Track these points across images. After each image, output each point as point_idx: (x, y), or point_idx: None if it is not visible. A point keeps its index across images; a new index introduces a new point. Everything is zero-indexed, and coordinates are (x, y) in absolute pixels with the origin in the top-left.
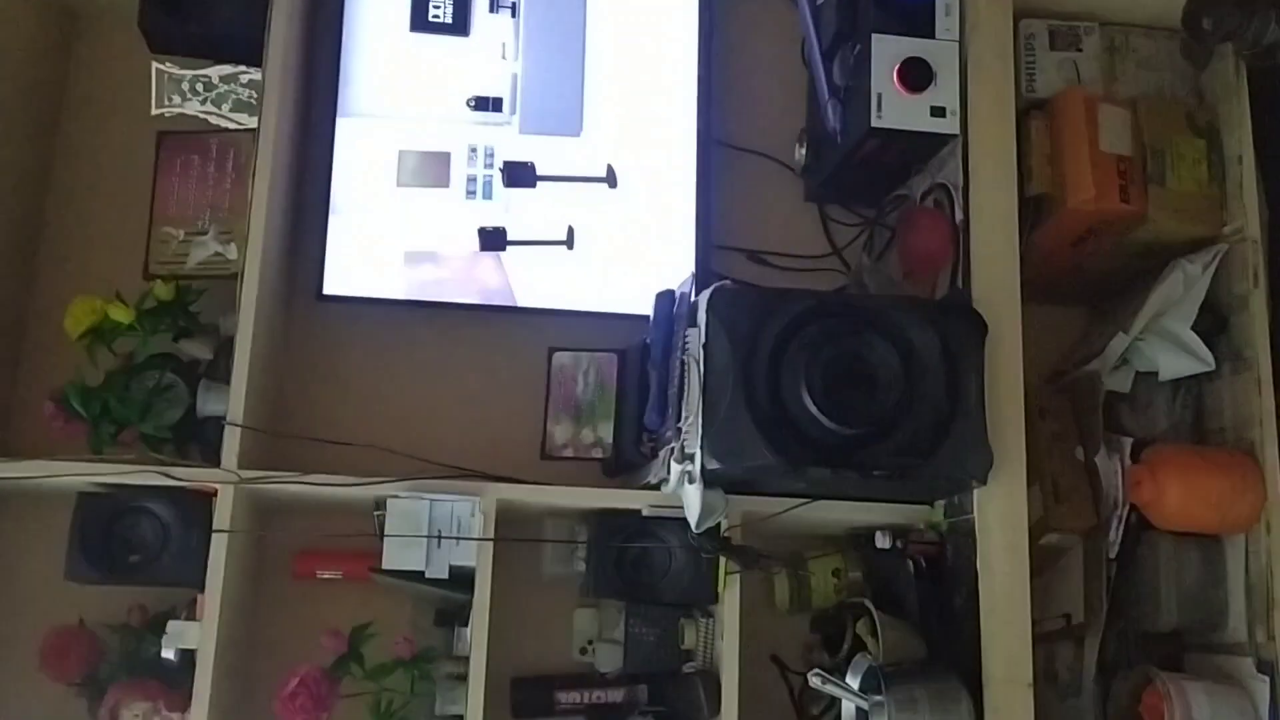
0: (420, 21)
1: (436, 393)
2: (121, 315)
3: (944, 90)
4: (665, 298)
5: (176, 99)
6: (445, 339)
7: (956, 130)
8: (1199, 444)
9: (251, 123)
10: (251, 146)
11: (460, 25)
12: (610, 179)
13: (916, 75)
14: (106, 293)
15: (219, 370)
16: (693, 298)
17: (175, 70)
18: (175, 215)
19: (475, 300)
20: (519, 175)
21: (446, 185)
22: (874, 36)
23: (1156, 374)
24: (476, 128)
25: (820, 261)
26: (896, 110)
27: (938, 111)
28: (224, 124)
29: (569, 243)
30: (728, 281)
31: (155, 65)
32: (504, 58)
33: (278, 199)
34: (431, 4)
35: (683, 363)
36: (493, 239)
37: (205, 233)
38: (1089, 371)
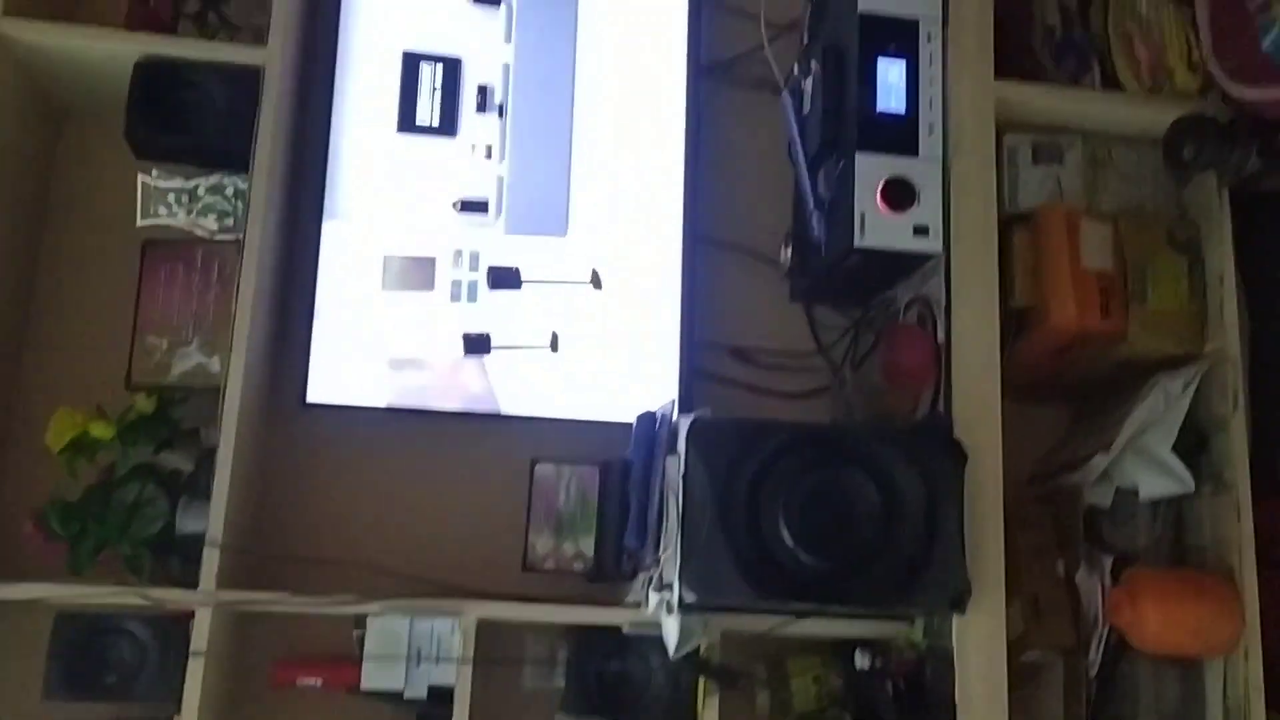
0: (408, 123)
1: (419, 502)
2: (102, 432)
3: (927, 209)
4: (646, 419)
5: (162, 211)
6: (428, 448)
7: (939, 249)
8: (1179, 562)
9: (236, 234)
10: (236, 257)
11: (448, 126)
12: (595, 281)
13: (900, 195)
14: (89, 402)
15: (199, 483)
16: (674, 420)
17: (160, 183)
18: (159, 325)
19: (459, 407)
20: (504, 279)
21: (431, 289)
22: (857, 155)
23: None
24: (462, 230)
25: (806, 360)
26: (879, 229)
27: (920, 230)
28: (209, 235)
29: (553, 346)
30: (707, 411)
31: (141, 178)
32: (490, 159)
33: (261, 311)
34: (419, 105)
35: (662, 490)
36: (477, 344)
37: (189, 343)
38: (1071, 484)
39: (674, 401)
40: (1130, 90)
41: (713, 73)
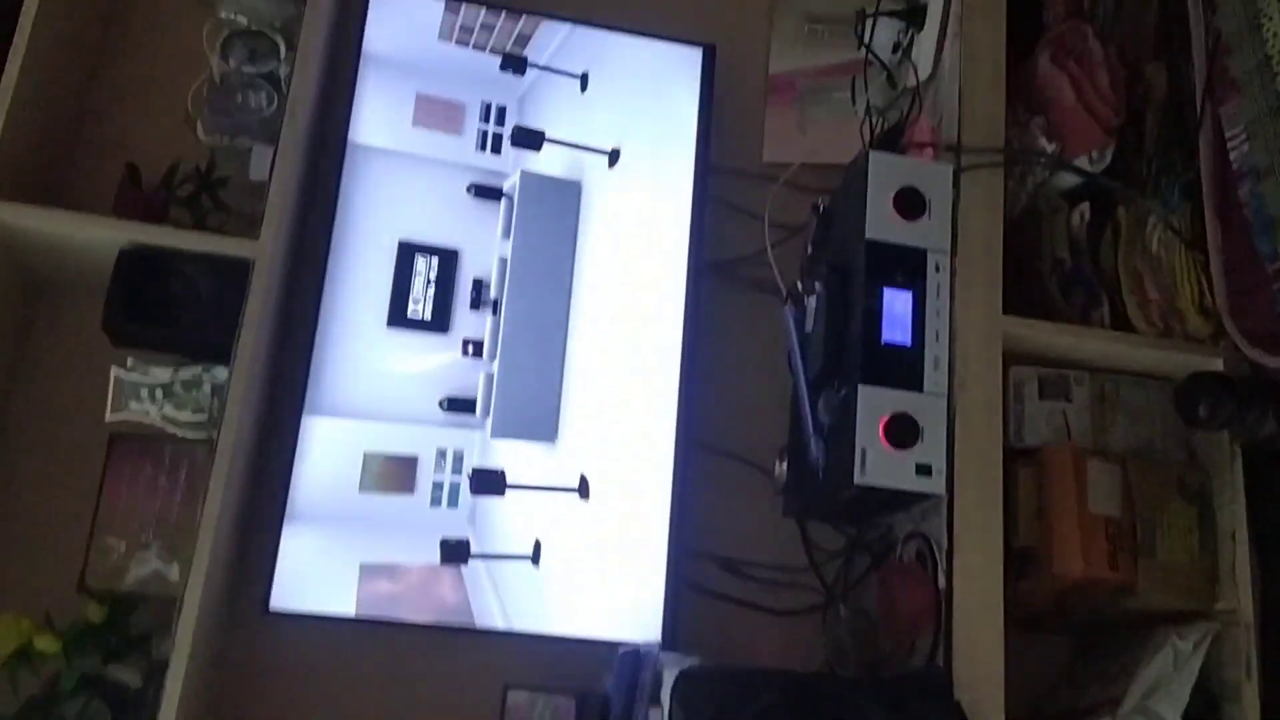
0: (398, 317)
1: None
2: (47, 645)
3: (931, 447)
4: (629, 659)
5: (134, 405)
6: (398, 663)
7: (942, 490)
8: None
9: (210, 432)
10: (207, 458)
11: (440, 322)
12: (583, 490)
13: (903, 433)
14: (38, 602)
15: (147, 699)
16: (658, 663)
17: (134, 376)
18: (119, 526)
19: (431, 620)
20: (487, 484)
21: (411, 492)
22: (860, 387)
23: None
24: (447, 430)
25: (797, 576)
26: (880, 466)
27: (923, 470)
28: (180, 434)
29: (535, 558)
30: (693, 662)
31: (114, 371)
32: (481, 357)
33: (228, 516)
34: (411, 299)
35: None
36: (455, 552)
37: (148, 547)
38: None
39: (658, 645)
40: (1141, 332)
41: (714, 273)
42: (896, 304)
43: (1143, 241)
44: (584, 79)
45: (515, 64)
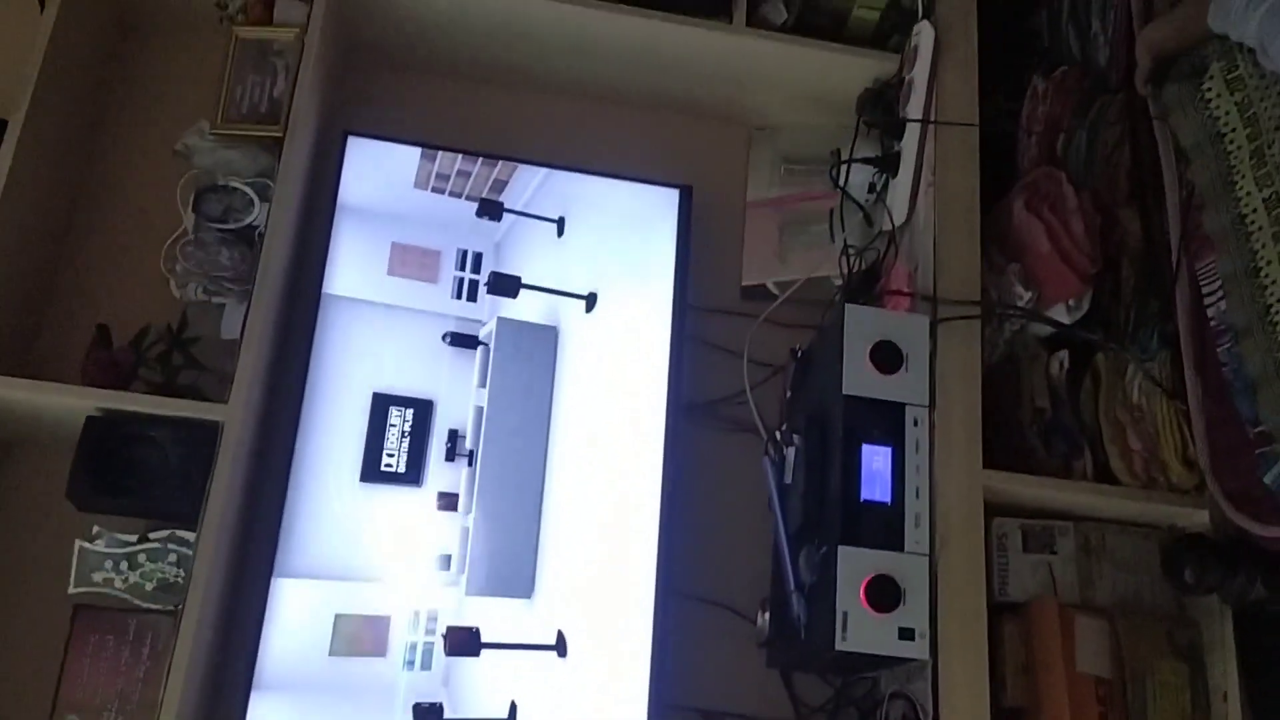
0: (372, 471)
1: None
2: None
3: (913, 609)
4: None
5: (98, 578)
6: None
7: (926, 655)
8: None
9: (175, 602)
10: (172, 630)
11: (414, 475)
12: (560, 647)
13: (885, 595)
14: None
15: None
16: None
17: (99, 548)
18: (80, 704)
19: None
20: (462, 644)
21: (384, 654)
22: (840, 548)
23: None
24: (421, 589)
25: None
26: (863, 631)
27: (906, 634)
28: (146, 605)
29: None
30: None
31: (78, 543)
32: (456, 510)
33: (193, 690)
34: (385, 451)
35: None
36: (428, 718)
37: None
38: None
39: None
40: (1124, 483)
41: (694, 414)
42: (875, 460)
43: (1123, 390)
44: (560, 223)
45: (491, 210)
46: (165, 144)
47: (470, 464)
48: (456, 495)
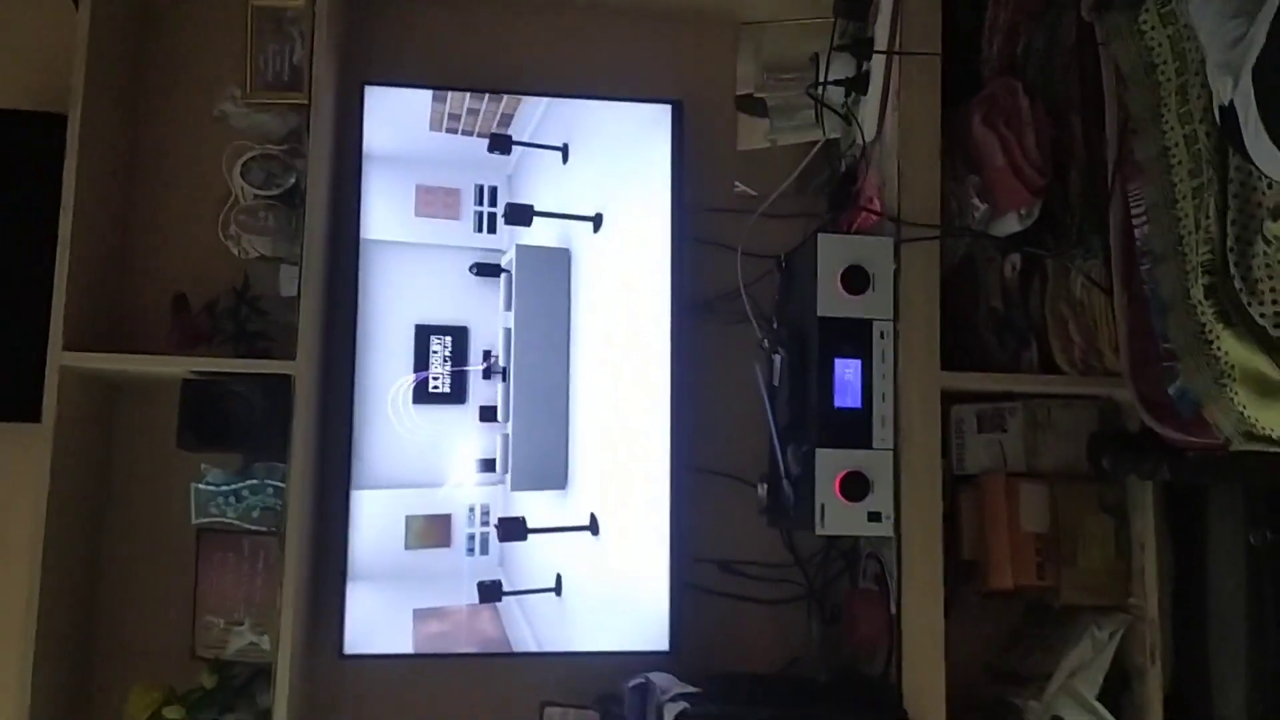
0: (422, 394)
1: None
2: (174, 714)
3: (880, 497)
4: (638, 691)
5: (213, 510)
6: (450, 689)
7: (891, 533)
8: None
9: (277, 525)
10: (278, 547)
11: (458, 394)
12: (593, 527)
13: (856, 488)
14: (154, 667)
15: None
16: (660, 698)
17: (209, 489)
18: (215, 606)
19: (476, 649)
20: (511, 531)
21: (449, 545)
22: (818, 451)
23: None
24: (474, 488)
25: (784, 571)
26: (838, 518)
27: (874, 517)
28: (254, 528)
29: (557, 590)
30: (686, 707)
31: (193, 485)
32: (496, 420)
33: (302, 591)
34: (432, 377)
35: None
36: (490, 592)
37: (242, 624)
38: (1014, 707)
39: (671, 677)
40: (1065, 372)
41: (697, 311)
42: (846, 372)
43: (1067, 288)
44: (565, 150)
45: (501, 144)
46: (205, 111)
47: (504, 379)
48: (495, 408)
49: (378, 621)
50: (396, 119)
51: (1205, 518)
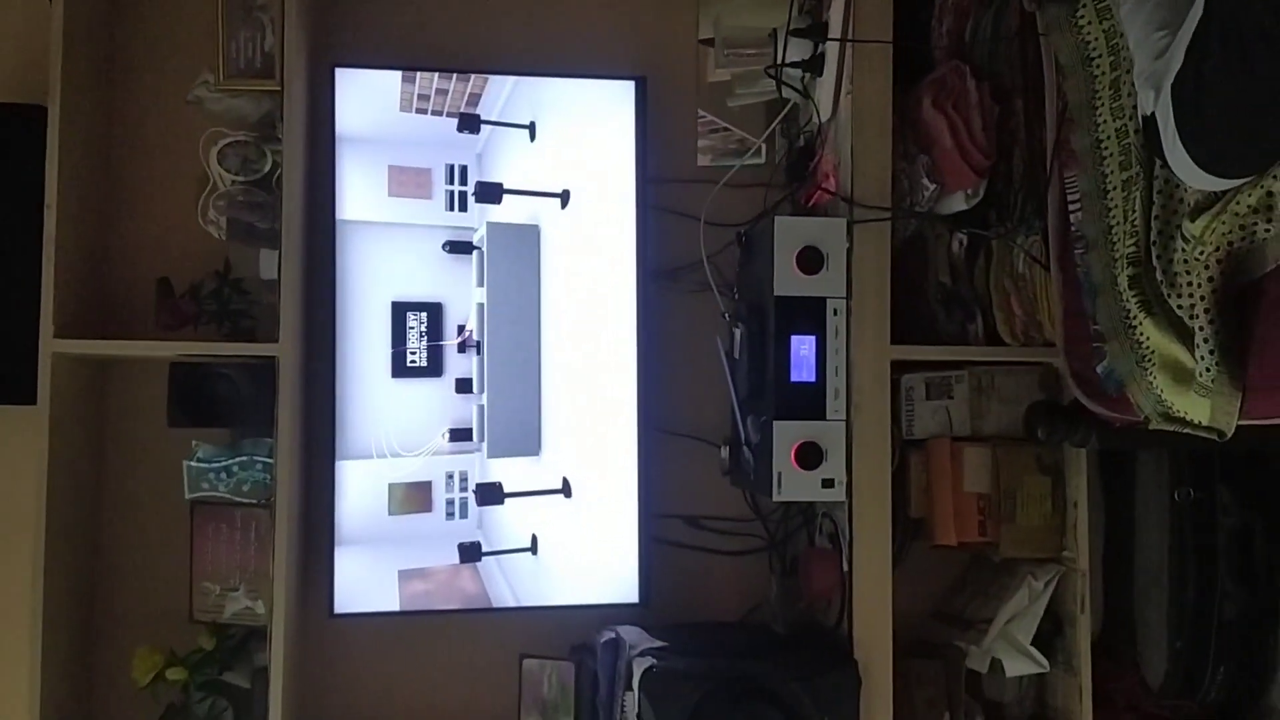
0: (400, 368)
1: (427, 690)
2: (177, 675)
3: (833, 465)
4: (610, 648)
5: (205, 485)
6: (434, 643)
7: (843, 498)
8: (1038, 716)
9: (267, 497)
10: (269, 518)
11: (435, 368)
12: (566, 490)
13: (810, 456)
14: (154, 630)
15: (255, 695)
16: (630, 657)
17: (202, 465)
18: (211, 573)
19: (458, 606)
20: (489, 495)
21: (430, 510)
22: (774, 424)
23: None
24: (452, 456)
25: (746, 525)
26: (793, 484)
27: (828, 483)
28: (245, 501)
29: (533, 549)
30: (654, 662)
31: (185, 463)
32: (471, 392)
33: (293, 558)
34: (409, 352)
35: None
36: (470, 552)
37: (237, 589)
38: (956, 649)
39: (631, 640)
40: (1008, 344)
41: (661, 280)
42: (802, 348)
43: (1011, 264)
44: (532, 128)
45: (469, 124)
46: (179, 98)
47: (479, 353)
48: (470, 380)
49: (365, 583)
50: (367, 101)
51: (1134, 477)
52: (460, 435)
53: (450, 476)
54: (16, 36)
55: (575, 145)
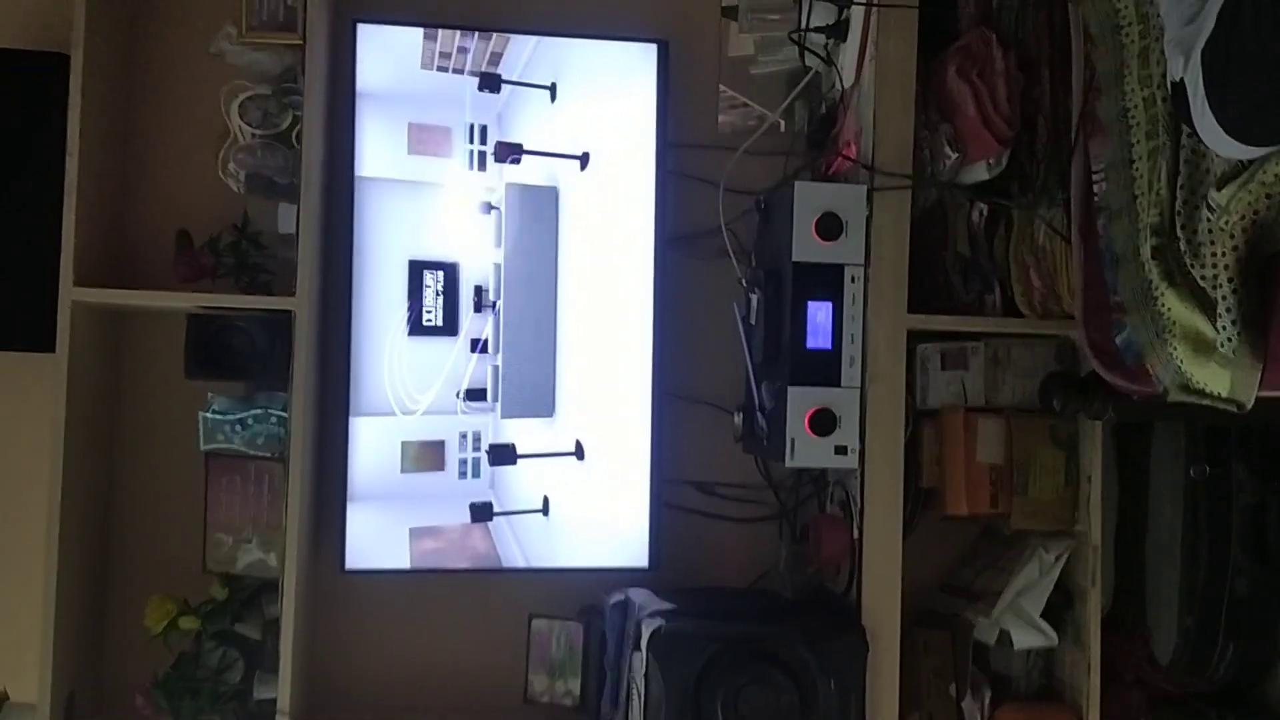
0: (416, 326)
1: (436, 647)
2: (189, 624)
3: (846, 432)
4: (619, 609)
5: (219, 438)
6: (444, 603)
7: (855, 465)
8: (1045, 689)
9: (281, 451)
10: (282, 472)
11: (450, 327)
12: (579, 452)
13: (824, 423)
14: (168, 579)
15: (266, 647)
16: (639, 618)
17: (215, 418)
18: (224, 525)
19: (468, 565)
20: (501, 456)
21: (443, 469)
22: (789, 389)
23: None
24: (466, 416)
25: (757, 493)
26: (806, 450)
27: (840, 450)
28: (258, 454)
29: (545, 510)
30: (662, 623)
31: (200, 414)
32: (487, 352)
33: (306, 510)
34: (424, 309)
35: (630, 681)
36: (482, 512)
37: (250, 541)
38: (965, 620)
39: (640, 602)
40: (1025, 315)
41: (679, 246)
42: (819, 314)
43: (1031, 235)
44: (553, 89)
45: (490, 83)
46: (201, 50)
47: (495, 313)
48: (486, 340)
49: (376, 539)
50: (388, 57)
51: (1149, 452)
52: (475, 395)
53: (464, 436)
54: None
55: (596, 108)
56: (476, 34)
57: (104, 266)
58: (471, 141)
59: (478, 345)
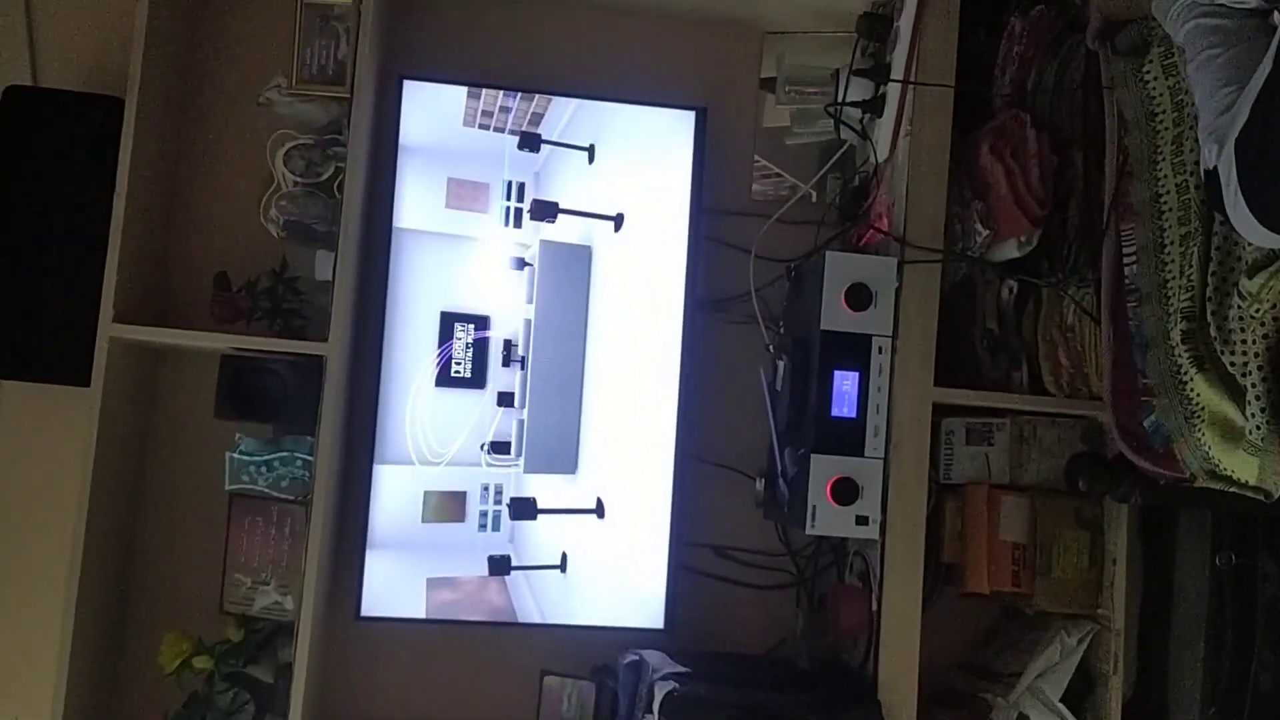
0: (444, 378)
1: (447, 700)
2: (203, 664)
3: (868, 502)
4: (632, 669)
5: (244, 478)
6: (458, 654)
7: (877, 536)
8: None
9: (304, 495)
10: (304, 516)
11: (478, 380)
12: (599, 510)
13: (846, 492)
14: (185, 618)
15: (278, 690)
16: (652, 679)
17: (243, 457)
18: (244, 566)
19: (484, 618)
20: (522, 510)
21: (463, 520)
22: (813, 456)
23: None
24: (488, 468)
25: (776, 560)
26: (827, 519)
27: (862, 520)
28: (282, 497)
29: (562, 567)
30: (676, 687)
31: (228, 454)
32: (513, 406)
33: (325, 553)
34: (454, 362)
35: None
36: (500, 565)
37: (268, 583)
38: (983, 701)
39: (653, 662)
40: (1051, 394)
41: (708, 310)
42: (845, 383)
43: (1060, 314)
44: (591, 151)
45: (530, 142)
46: (250, 99)
47: (523, 368)
48: (513, 394)
49: (393, 587)
50: (432, 114)
51: (1175, 538)
52: (499, 448)
53: (485, 488)
54: (100, 29)
55: (633, 170)
56: (519, 94)
57: (143, 304)
58: (509, 198)
59: (504, 399)
